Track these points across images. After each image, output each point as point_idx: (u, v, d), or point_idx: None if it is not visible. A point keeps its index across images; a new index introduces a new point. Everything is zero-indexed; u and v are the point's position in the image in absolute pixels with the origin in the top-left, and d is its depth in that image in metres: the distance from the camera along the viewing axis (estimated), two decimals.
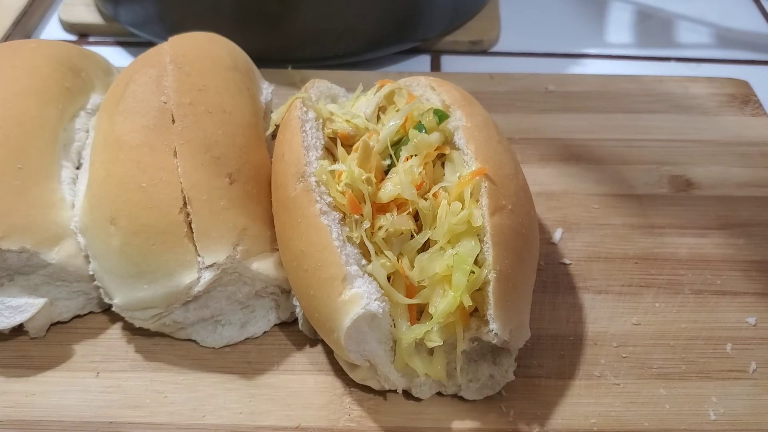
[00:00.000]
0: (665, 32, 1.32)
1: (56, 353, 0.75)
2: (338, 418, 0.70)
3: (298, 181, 0.68)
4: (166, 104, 0.74)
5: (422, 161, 0.70)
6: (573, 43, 1.28)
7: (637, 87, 1.11)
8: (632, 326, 0.78)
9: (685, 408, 0.70)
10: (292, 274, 0.69)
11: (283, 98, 0.81)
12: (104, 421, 0.69)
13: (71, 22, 1.27)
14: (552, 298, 0.80)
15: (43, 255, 0.72)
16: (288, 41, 1.14)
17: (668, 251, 0.86)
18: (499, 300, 0.64)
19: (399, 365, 0.67)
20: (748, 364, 0.74)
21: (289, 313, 0.77)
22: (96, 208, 0.72)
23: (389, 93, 0.80)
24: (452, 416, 0.70)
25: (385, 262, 0.66)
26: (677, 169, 0.97)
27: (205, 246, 0.69)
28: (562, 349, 0.75)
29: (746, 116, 1.06)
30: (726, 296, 0.81)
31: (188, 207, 0.69)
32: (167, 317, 0.72)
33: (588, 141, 1.02)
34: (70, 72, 0.85)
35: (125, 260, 0.70)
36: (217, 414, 0.70)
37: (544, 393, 0.71)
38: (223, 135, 0.74)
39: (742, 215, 0.91)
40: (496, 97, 1.08)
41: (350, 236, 0.67)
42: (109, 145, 0.73)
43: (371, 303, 0.63)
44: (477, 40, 1.24)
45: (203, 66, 0.80)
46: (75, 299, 0.77)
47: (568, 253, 0.86)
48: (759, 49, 1.27)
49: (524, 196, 0.71)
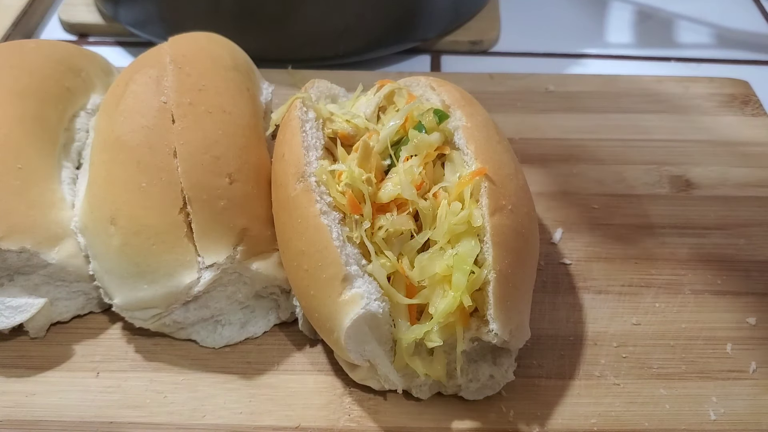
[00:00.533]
0: (665, 32, 1.32)
1: (56, 353, 0.75)
2: (338, 418, 0.70)
3: (298, 181, 0.68)
4: (166, 104, 0.74)
5: (422, 161, 0.70)
6: (573, 43, 1.28)
7: (637, 87, 1.11)
8: (632, 326, 0.78)
9: (685, 408, 0.70)
10: (292, 274, 0.69)
11: (283, 98, 0.81)
12: (104, 421, 0.69)
13: (71, 22, 1.27)
14: (552, 298, 0.80)
15: (43, 255, 0.72)
16: (288, 41, 1.14)
17: (668, 251, 0.86)
18: (499, 300, 0.64)
19: (399, 365, 0.67)
20: (748, 364, 0.74)
21: (289, 313, 0.77)
22: (96, 208, 0.72)
23: (389, 93, 0.80)
24: (452, 416, 0.70)
25: (385, 262, 0.66)
26: (677, 169, 0.97)
27: (205, 246, 0.69)
28: (562, 349, 0.75)
29: (746, 116, 1.06)
30: (726, 296, 0.81)
31: (188, 207, 0.69)
32: (167, 317, 0.72)
33: (588, 141, 1.01)
34: (70, 72, 0.85)
35: (125, 260, 0.70)
36: (217, 414, 0.70)
37: (544, 393, 0.71)
38: (223, 135, 0.74)
39: (742, 215, 0.91)
40: (496, 97, 1.08)
41: (350, 236, 0.67)
42: (109, 145, 0.73)
43: (371, 303, 0.63)
44: (477, 40, 1.24)
45: (203, 66, 0.80)
46: (75, 299, 0.77)
47: (568, 253, 0.86)
48: (759, 49, 1.27)
49: (524, 196, 0.71)
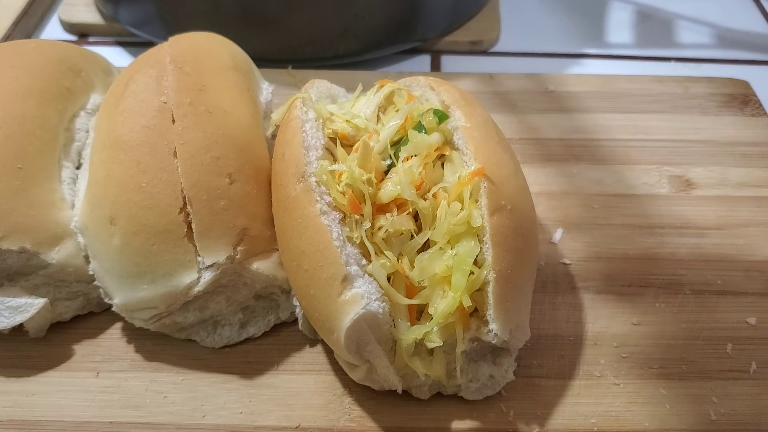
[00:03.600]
0: (665, 32, 1.32)
1: (56, 353, 0.75)
2: (338, 418, 0.70)
3: (298, 181, 0.68)
4: (166, 104, 0.74)
5: (422, 161, 0.70)
6: (573, 43, 1.28)
7: (637, 87, 1.11)
8: (632, 326, 0.78)
9: (685, 408, 0.70)
10: (292, 274, 0.69)
11: (283, 98, 0.81)
12: (104, 421, 0.69)
13: (71, 22, 1.28)
14: (552, 298, 0.80)
15: (43, 255, 0.72)
16: (288, 41, 1.14)
17: (668, 251, 0.86)
18: (499, 300, 0.64)
19: (399, 365, 0.67)
20: (749, 364, 0.74)
21: (289, 313, 0.77)
22: (96, 208, 0.72)
23: (389, 93, 0.80)
24: (452, 416, 0.70)
25: (385, 262, 0.66)
26: (677, 169, 0.97)
27: (205, 246, 0.69)
28: (562, 349, 0.75)
29: (746, 116, 1.06)
30: (726, 296, 0.81)
31: (188, 207, 0.69)
32: (167, 317, 0.72)
33: (588, 141, 1.01)
34: (70, 72, 0.85)
35: (125, 260, 0.70)
36: (217, 414, 0.70)
37: (544, 393, 0.71)
38: (223, 135, 0.74)
39: (742, 215, 0.91)
40: (496, 97, 1.08)
41: (350, 236, 0.67)
42: (109, 145, 0.73)
43: (371, 303, 0.63)
44: (477, 40, 1.24)
45: (203, 66, 0.80)
46: (75, 299, 0.77)
47: (568, 253, 0.86)
48: (759, 49, 1.27)
49: (524, 196, 0.71)
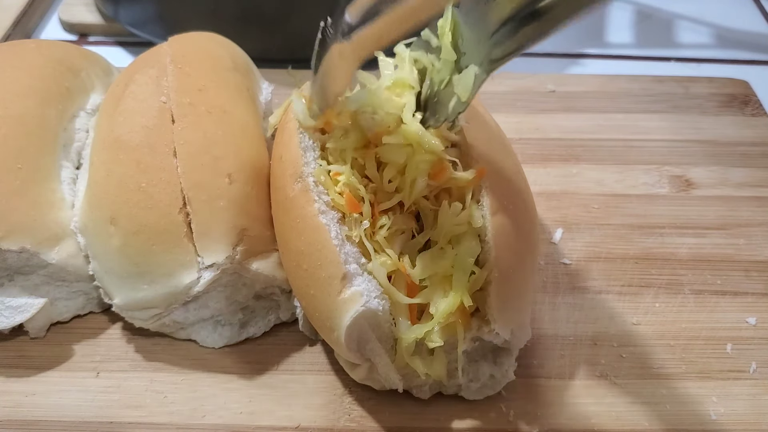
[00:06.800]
0: (665, 32, 1.32)
1: (56, 353, 0.75)
2: (338, 418, 0.70)
3: (296, 182, 0.68)
4: (166, 104, 0.74)
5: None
6: (573, 43, 1.28)
7: (637, 87, 1.11)
8: (632, 326, 0.78)
9: (685, 408, 0.70)
10: (291, 274, 0.69)
11: (283, 98, 0.81)
12: (104, 421, 0.69)
13: (71, 22, 1.28)
14: (552, 298, 0.81)
15: (43, 255, 0.72)
16: (288, 41, 1.14)
17: (668, 251, 0.86)
18: (500, 300, 0.64)
19: (399, 365, 0.67)
20: (748, 364, 0.74)
21: (289, 313, 0.77)
22: (96, 208, 0.72)
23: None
24: (452, 416, 0.70)
25: (385, 261, 0.65)
26: (677, 169, 0.97)
27: (205, 246, 0.69)
28: (562, 349, 0.75)
29: (746, 116, 1.06)
30: (726, 296, 0.81)
31: (188, 207, 0.69)
32: (167, 317, 0.72)
33: (588, 141, 1.02)
34: (70, 72, 0.84)
35: (125, 260, 0.69)
36: (217, 414, 0.70)
37: (544, 393, 0.71)
38: (223, 135, 0.74)
39: (742, 215, 0.91)
40: (496, 97, 1.08)
41: (349, 235, 0.67)
42: (109, 145, 0.73)
43: (371, 300, 0.63)
44: None
45: (203, 66, 0.80)
46: (75, 299, 0.77)
47: (568, 253, 0.86)
48: (759, 49, 1.27)
49: (525, 196, 0.71)
